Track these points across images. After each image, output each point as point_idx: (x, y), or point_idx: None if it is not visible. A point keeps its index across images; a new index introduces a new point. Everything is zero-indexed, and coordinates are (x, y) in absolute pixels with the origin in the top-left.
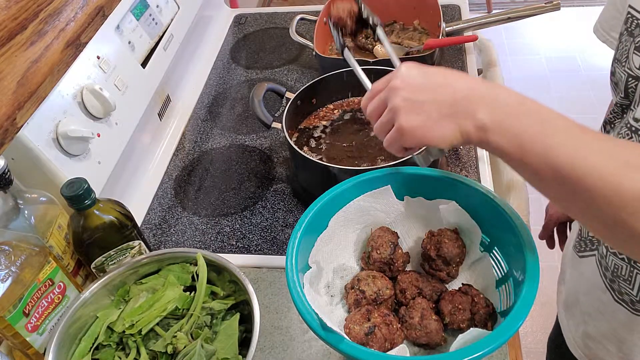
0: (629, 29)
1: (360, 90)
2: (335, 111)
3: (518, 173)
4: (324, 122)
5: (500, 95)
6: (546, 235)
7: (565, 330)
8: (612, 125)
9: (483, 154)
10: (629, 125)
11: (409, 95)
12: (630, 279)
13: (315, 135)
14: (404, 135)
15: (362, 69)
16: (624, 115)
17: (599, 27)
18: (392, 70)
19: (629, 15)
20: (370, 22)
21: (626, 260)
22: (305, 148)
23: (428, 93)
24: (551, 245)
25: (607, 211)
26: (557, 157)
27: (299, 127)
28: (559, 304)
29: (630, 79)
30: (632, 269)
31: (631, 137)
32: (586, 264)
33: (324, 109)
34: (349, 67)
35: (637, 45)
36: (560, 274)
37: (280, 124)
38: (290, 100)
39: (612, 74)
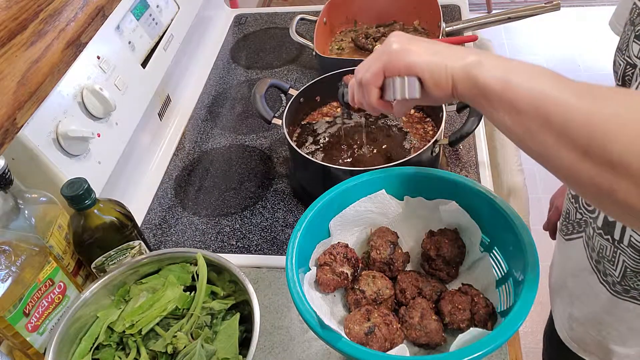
0: (632, 19)
1: None
2: (339, 110)
3: (492, 112)
4: (327, 119)
5: (492, 53)
6: (550, 227)
7: (554, 313)
8: None
9: (483, 154)
10: None
11: (404, 35)
12: (613, 259)
13: (317, 134)
14: (391, 55)
15: None
16: None
17: (613, 20)
18: None
19: (634, 6)
20: None
21: (610, 240)
22: (305, 147)
23: (422, 39)
24: (554, 236)
25: (581, 134)
26: (540, 84)
27: (301, 124)
28: (550, 287)
29: (628, 66)
30: (615, 249)
31: None
32: (573, 247)
33: (327, 106)
34: (349, 66)
35: (637, 33)
36: (552, 259)
37: (280, 121)
38: (293, 97)
39: (614, 62)
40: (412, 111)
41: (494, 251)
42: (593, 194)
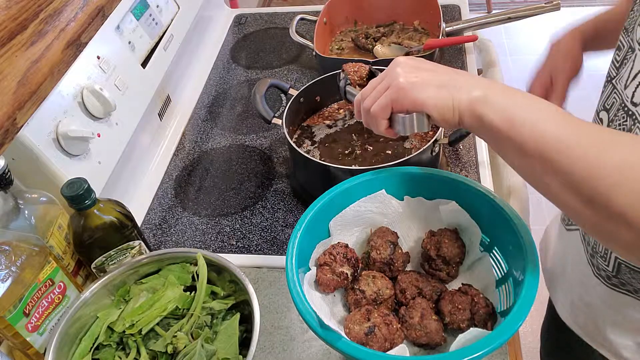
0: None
1: None
2: (340, 110)
3: (500, 149)
4: (328, 122)
5: (494, 82)
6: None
7: (555, 300)
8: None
9: (483, 154)
10: (625, 109)
11: (411, 63)
12: (605, 255)
13: (317, 134)
14: (399, 92)
15: (360, 61)
16: (604, 89)
17: None
18: None
19: None
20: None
21: None
22: (305, 147)
23: (429, 66)
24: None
25: (586, 183)
26: (543, 129)
27: (302, 124)
28: (547, 274)
29: (630, 50)
30: None
31: (627, 121)
32: (572, 237)
33: (328, 108)
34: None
35: None
36: (541, 242)
37: (280, 120)
38: (293, 97)
39: (619, 40)
40: None
41: (494, 251)
42: (597, 237)
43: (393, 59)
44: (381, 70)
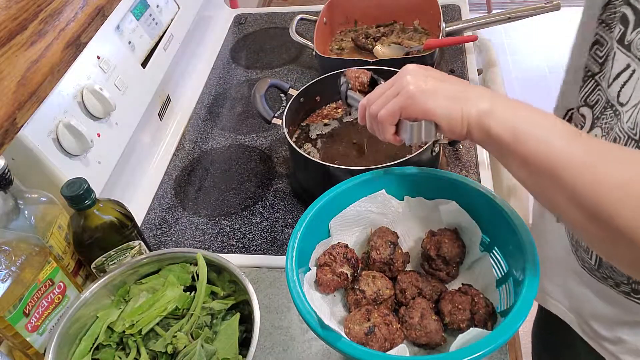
0: None
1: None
2: (339, 110)
3: (506, 162)
4: (326, 121)
5: (501, 95)
6: None
7: (549, 288)
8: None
9: (483, 154)
10: (613, 108)
11: (421, 72)
12: (588, 250)
13: (317, 133)
14: (409, 99)
15: (361, 68)
16: (586, 85)
17: None
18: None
19: None
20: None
21: None
22: (305, 147)
23: (438, 75)
24: None
25: (590, 198)
26: (549, 144)
27: (301, 124)
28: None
29: (611, 47)
30: None
31: (613, 119)
32: (562, 229)
33: (327, 107)
34: (349, 66)
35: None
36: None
37: (280, 120)
38: (293, 97)
39: (590, 31)
40: None
41: (494, 251)
42: (602, 253)
43: (393, 59)
44: (383, 77)
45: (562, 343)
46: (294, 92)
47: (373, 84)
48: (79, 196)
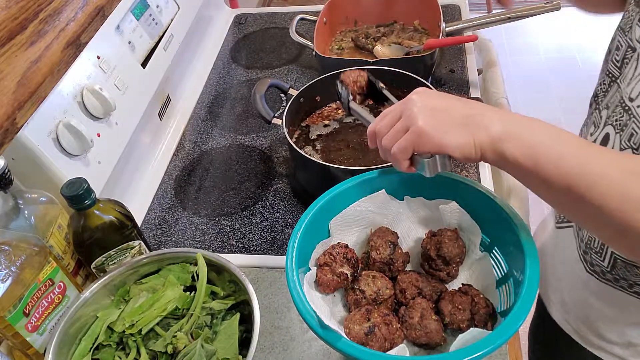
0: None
1: None
2: (339, 110)
3: (526, 184)
4: (326, 121)
5: (512, 114)
6: None
7: (548, 299)
8: (596, 99)
9: None
10: (623, 105)
11: (426, 103)
12: (601, 251)
13: (317, 134)
14: (421, 136)
15: (362, 68)
16: (610, 89)
17: None
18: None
19: None
20: (377, 87)
21: None
22: (305, 147)
23: (444, 104)
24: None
25: (618, 216)
26: (568, 166)
27: (301, 124)
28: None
29: (629, 49)
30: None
31: (623, 116)
32: (563, 235)
33: (327, 107)
34: (349, 66)
35: None
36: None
37: (280, 120)
38: (293, 97)
39: (612, 39)
40: None
41: (494, 251)
42: (632, 258)
43: (393, 59)
44: (380, 79)
45: (567, 343)
46: (294, 92)
47: (372, 85)
48: (79, 196)
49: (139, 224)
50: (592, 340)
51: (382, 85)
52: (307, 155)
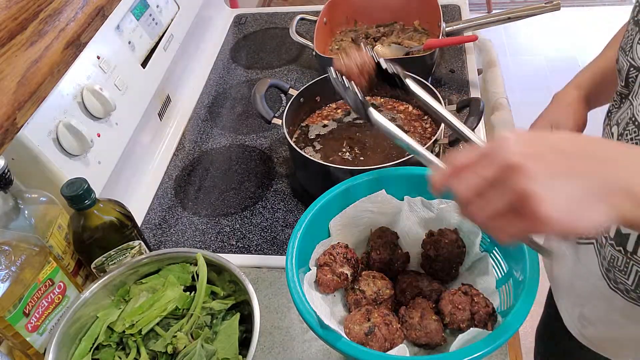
0: (636, 19)
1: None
2: (339, 110)
3: None
4: (326, 122)
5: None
6: None
7: (562, 311)
8: (609, 115)
9: None
10: (633, 120)
11: (538, 170)
12: (625, 269)
13: (316, 134)
14: (544, 225)
15: (358, 51)
16: (622, 105)
17: None
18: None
19: (637, 4)
20: (391, 72)
21: (622, 252)
22: (305, 147)
23: (562, 164)
24: None
25: None
26: None
27: (301, 124)
28: (552, 283)
29: (632, 68)
30: (628, 260)
31: (638, 134)
32: (584, 251)
33: (327, 107)
34: None
35: None
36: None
37: (280, 120)
38: (293, 97)
39: (617, 60)
40: (410, 108)
41: (494, 251)
42: None
43: (393, 59)
44: (394, 66)
45: (580, 347)
46: (294, 92)
47: (381, 71)
48: (79, 196)
49: (139, 224)
50: (619, 356)
51: (403, 71)
52: (307, 155)
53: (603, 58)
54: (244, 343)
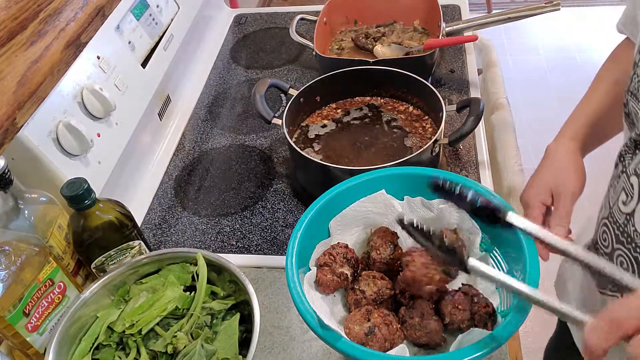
0: None
1: (366, 90)
2: (339, 110)
3: None
4: (326, 121)
5: None
6: None
7: (572, 326)
8: (622, 161)
9: (483, 154)
10: None
11: None
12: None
13: (316, 134)
14: None
15: (361, 69)
16: (638, 152)
17: (621, 23)
18: None
19: None
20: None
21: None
22: (305, 147)
23: None
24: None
25: None
26: None
27: (301, 124)
28: (561, 299)
29: None
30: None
31: None
32: (605, 299)
33: (327, 107)
34: (349, 66)
35: None
36: (560, 268)
37: (280, 120)
38: (293, 97)
39: (625, 104)
40: (410, 108)
41: (494, 251)
42: None
43: (393, 59)
44: (378, 77)
45: None
46: (294, 92)
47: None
48: (79, 196)
49: (139, 224)
50: None
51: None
52: (307, 155)
53: (595, 102)
54: (244, 343)
